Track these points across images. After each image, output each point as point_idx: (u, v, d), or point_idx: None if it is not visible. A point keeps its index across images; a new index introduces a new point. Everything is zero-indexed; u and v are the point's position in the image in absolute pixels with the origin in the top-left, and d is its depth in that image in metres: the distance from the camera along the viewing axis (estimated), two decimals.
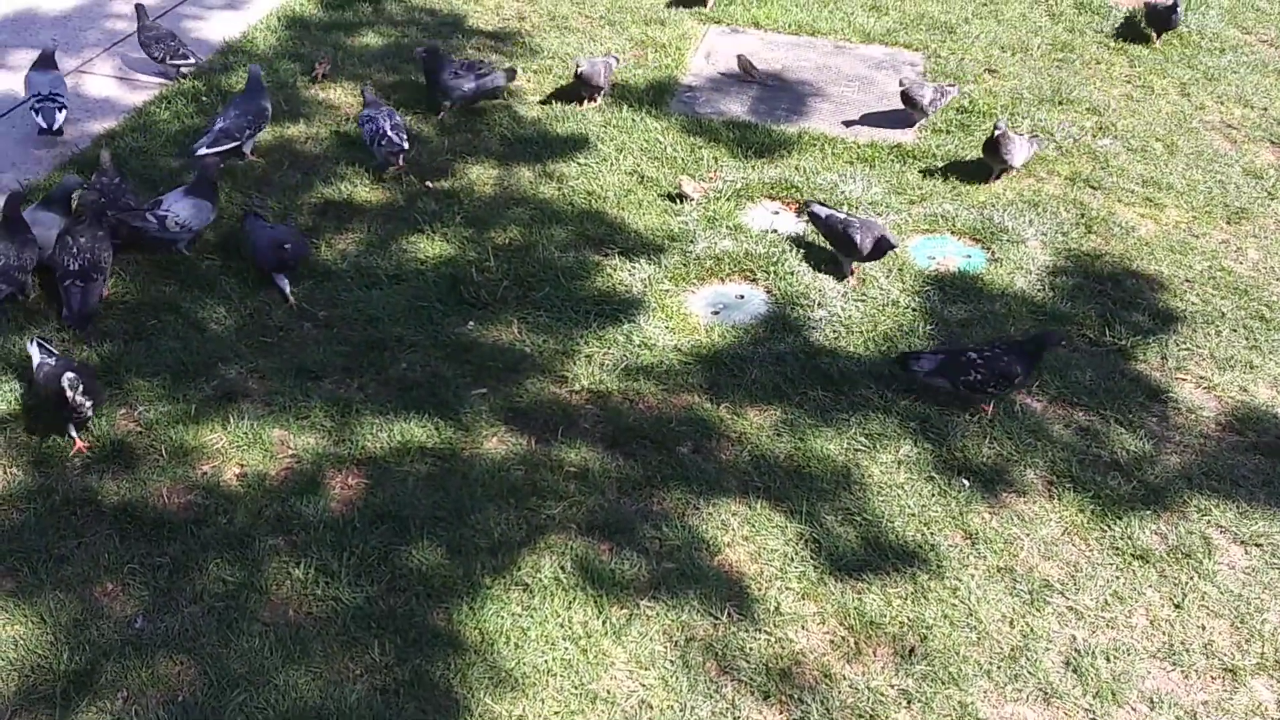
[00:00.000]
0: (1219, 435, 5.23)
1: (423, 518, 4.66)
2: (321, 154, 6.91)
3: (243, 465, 4.91)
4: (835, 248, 6.08)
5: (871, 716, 4.05)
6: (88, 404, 4.76)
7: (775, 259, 6.18)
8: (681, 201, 6.47)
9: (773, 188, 6.77)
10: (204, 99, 7.32)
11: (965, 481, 4.96)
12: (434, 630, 4.27)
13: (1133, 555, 4.64)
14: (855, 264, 6.04)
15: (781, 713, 4.07)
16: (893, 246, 5.91)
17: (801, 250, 6.25)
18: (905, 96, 7.19)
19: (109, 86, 7.57)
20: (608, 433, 5.15)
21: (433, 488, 4.82)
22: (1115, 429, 5.22)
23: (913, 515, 4.82)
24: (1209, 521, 4.79)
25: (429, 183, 6.67)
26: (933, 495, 4.91)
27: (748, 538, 4.71)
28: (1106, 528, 4.75)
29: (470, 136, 7.15)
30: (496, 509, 4.74)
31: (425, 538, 4.59)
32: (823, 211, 6.12)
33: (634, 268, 6.08)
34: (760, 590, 4.50)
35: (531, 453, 5.03)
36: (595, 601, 4.41)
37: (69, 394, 4.66)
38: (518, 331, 5.68)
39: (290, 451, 4.99)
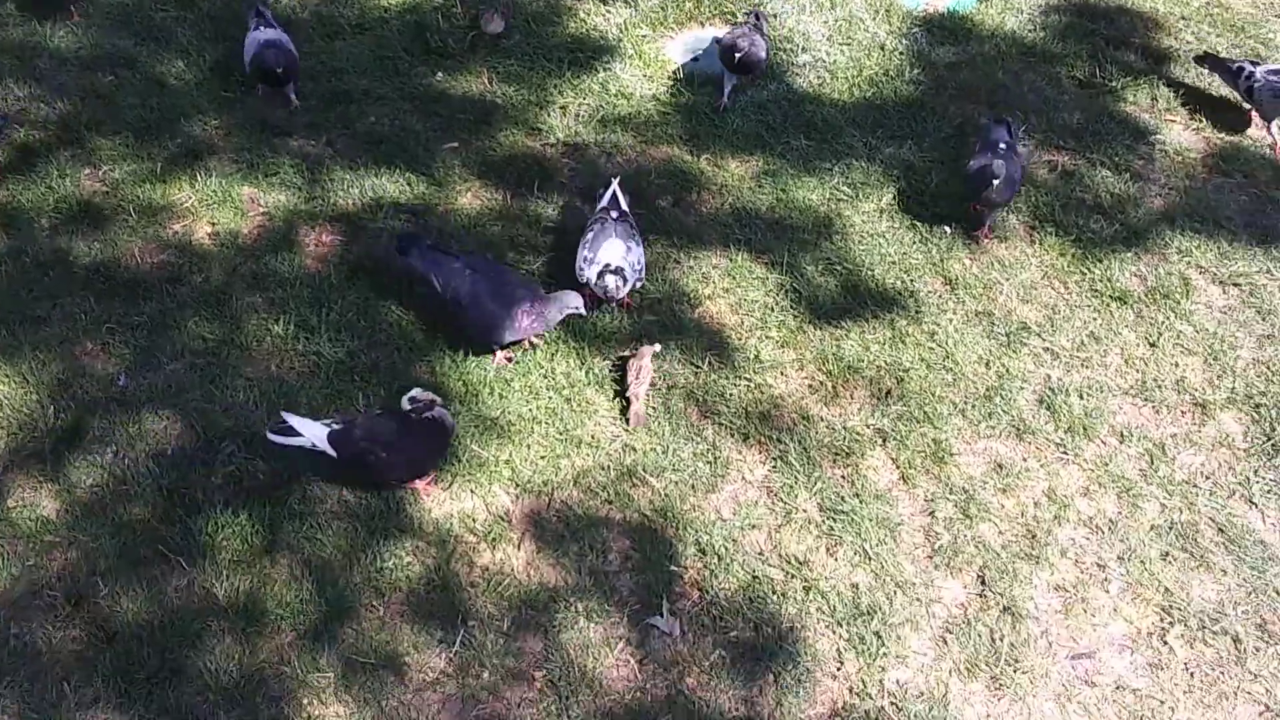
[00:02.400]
0: (1205, 176, 5.16)
1: (399, 273, 4.61)
2: None
3: (214, 224, 4.82)
4: None
5: (848, 453, 4.16)
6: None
7: (758, 1, 5.90)
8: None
9: None
10: None
11: (947, 229, 4.92)
12: (417, 382, 4.27)
13: (1111, 297, 4.65)
14: None
15: (760, 452, 4.17)
16: None
17: None
18: None
19: None
20: (585, 186, 5.04)
21: None
22: (1100, 172, 5.14)
23: (893, 263, 4.80)
24: (1189, 262, 4.79)
25: None
26: (914, 243, 4.88)
27: (728, 289, 4.70)
28: (1086, 270, 4.75)
29: None
30: None
31: (404, 293, 4.56)
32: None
33: (609, 11, 5.80)
34: (740, 340, 4.53)
35: (507, 207, 4.94)
36: (577, 353, 4.43)
37: None
38: (488, 82, 5.47)
39: (261, 209, 4.88)
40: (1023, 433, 4.24)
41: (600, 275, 4.34)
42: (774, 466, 4.13)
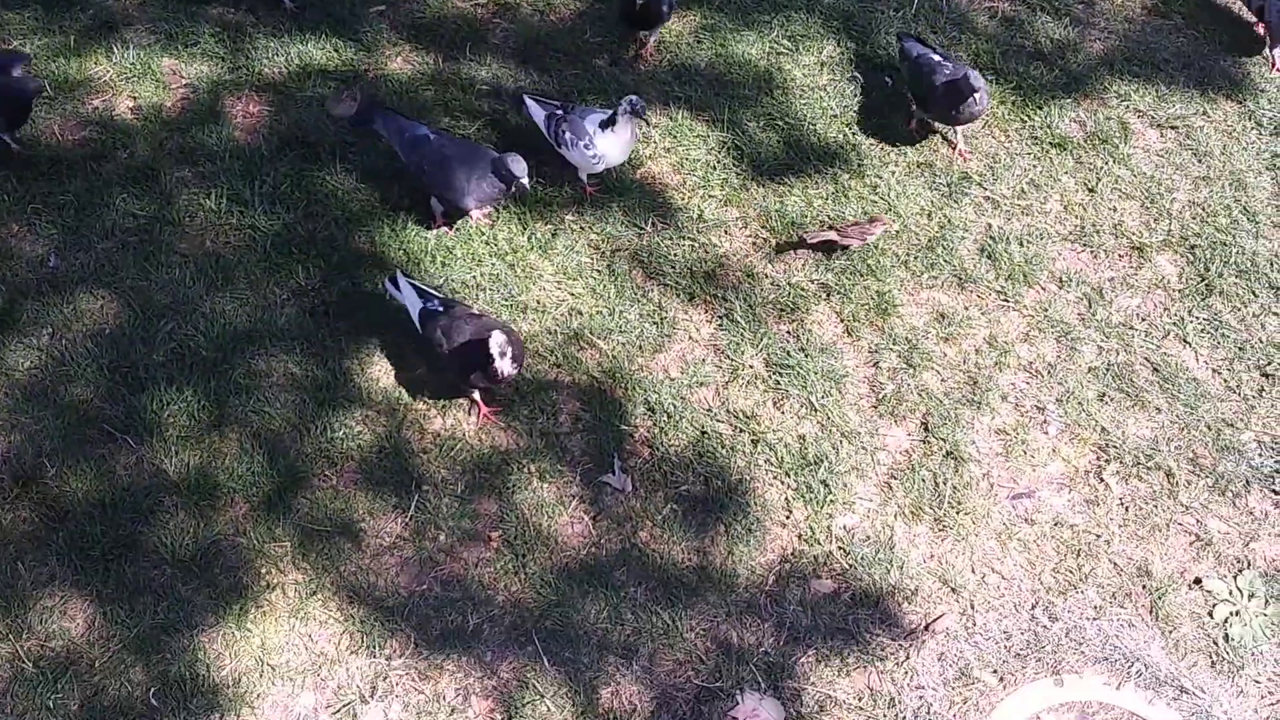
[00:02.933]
0: (1144, 19, 5.13)
1: (332, 142, 4.50)
2: None
3: (135, 98, 4.64)
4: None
5: (793, 308, 4.18)
6: None
7: None
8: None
9: None
10: None
11: (889, 80, 4.87)
12: (357, 253, 4.24)
13: (1050, 144, 4.66)
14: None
15: (706, 311, 4.18)
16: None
17: None
18: None
19: None
20: (519, 46, 4.91)
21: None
22: (1040, 17, 5.08)
23: (835, 117, 4.76)
24: (1128, 106, 4.80)
25: None
26: (855, 95, 4.83)
27: (669, 149, 4.64)
28: (1026, 118, 4.74)
29: None
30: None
31: (338, 162, 4.45)
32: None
33: None
34: (684, 200, 4.50)
35: (440, 71, 4.80)
36: (519, 219, 4.38)
37: None
38: None
39: (184, 81, 4.71)
40: (964, 282, 4.28)
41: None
42: (720, 325, 4.15)
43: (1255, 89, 4.87)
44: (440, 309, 3.77)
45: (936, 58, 4.49)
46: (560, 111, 4.29)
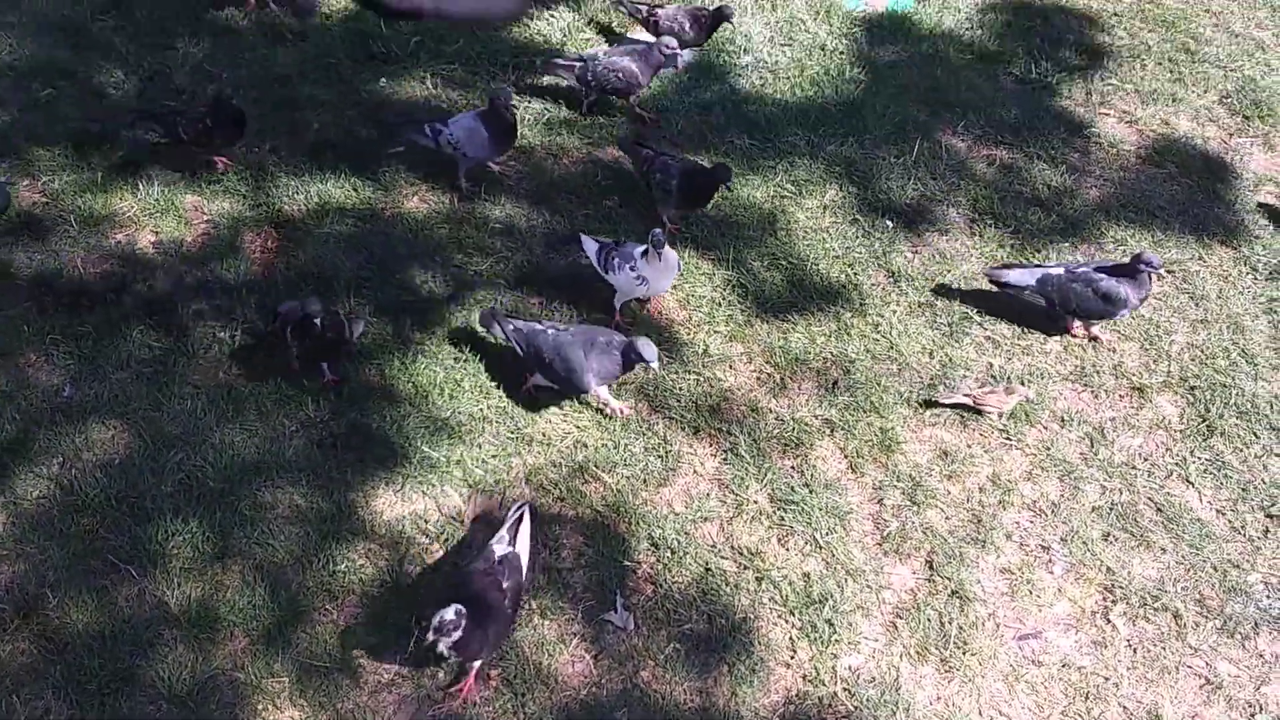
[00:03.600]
0: (1138, 168, 5.28)
1: (346, 278, 4.62)
2: None
3: (157, 232, 4.79)
4: None
5: (797, 444, 4.21)
6: None
7: (701, 4, 5.96)
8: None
9: None
10: None
11: (889, 222, 5.00)
12: (368, 386, 4.30)
13: None
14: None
15: (711, 445, 4.21)
16: None
17: None
18: None
19: None
20: (532, 188, 5.07)
21: (354, 248, 4.76)
22: (1037, 165, 5.25)
23: (837, 257, 4.87)
24: (1124, 251, 4.90)
25: None
26: (857, 237, 4.95)
27: (676, 286, 4.74)
28: (1026, 260, 4.84)
29: None
30: (422, 267, 4.70)
31: (352, 297, 4.56)
32: None
33: (552, 16, 5.84)
34: (689, 335, 4.57)
35: (454, 210, 4.95)
36: None
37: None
38: (432, 87, 5.48)
39: (205, 217, 4.86)
40: (967, 420, 4.31)
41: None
42: (725, 459, 4.17)
43: (1249, 235, 4.98)
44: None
45: None
46: (611, 244, 4.48)
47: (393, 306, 4.53)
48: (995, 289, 4.62)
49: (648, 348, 4.03)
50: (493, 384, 4.33)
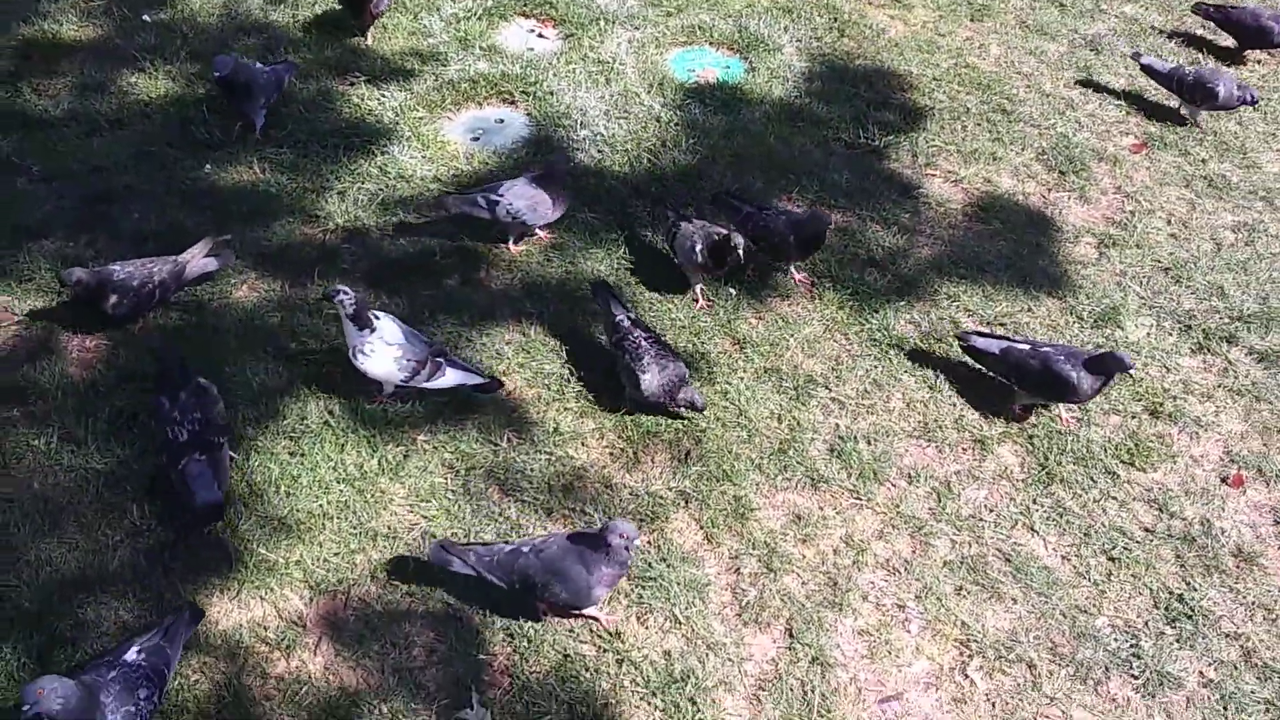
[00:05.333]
0: (966, 225, 5.47)
1: (171, 374, 4.37)
2: None
3: None
4: None
5: (653, 518, 4.15)
6: None
7: (534, 79, 5.97)
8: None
9: (526, 4, 6.49)
10: None
11: (732, 290, 5.03)
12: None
13: (889, 345, 4.84)
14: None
15: (565, 525, 4.11)
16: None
17: (560, 70, 6.05)
18: None
19: None
20: (368, 269, 4.95)
21: (182, 342, 4.53)
22: (871, 227, 5.38)
23: (683, 327, 4.87)
24: (958, 306, 5.04)
25: (146, 15, 6.06)
26: (699, 306, 4.96)
27: (523, 364, 4.66)
28: (865, 321, 4.93)
29: None
30: (254, 358, 4.51)
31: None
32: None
33: (383, 95, 5.76)
34: (539, 414, 4.49)
35: (286, 297, 4.78)
36: (369, 441, 4.29)
37: None
38: (260, 171, 5.32)
39: (15, 318, 4.58)
40: (817, 482, 4.33)
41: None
42: None
43: (1074, 286, 5.18)
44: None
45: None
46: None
47: (225, 401, 4.31)
48: (963, 351, 4.69)
49: (627, 526, 3.67)
50: (333, 477, 4.15)
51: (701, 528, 4.16)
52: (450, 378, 4.34)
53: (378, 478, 4.19)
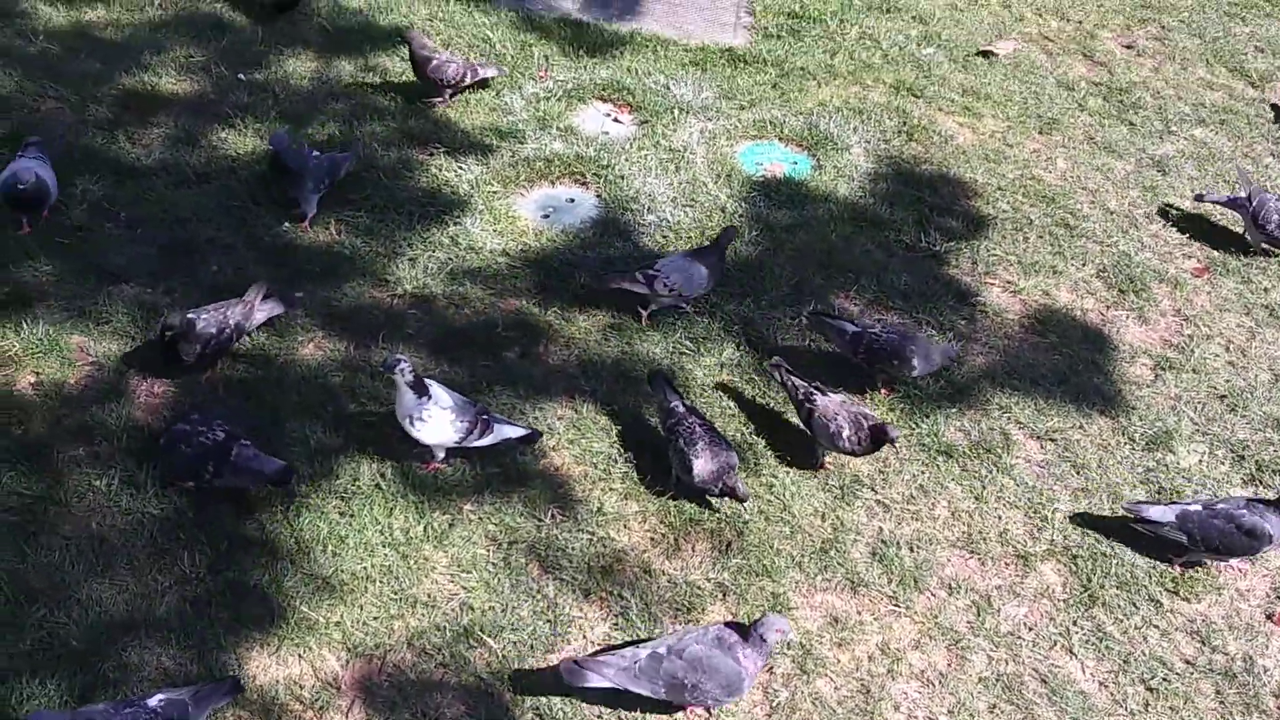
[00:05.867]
0: (1022, 336, 5.49)
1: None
2: (123, 41, 6.46)
3: (38, 373, 4.65)
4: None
5: (689, 609, 4.17)
6: None
7: (607, 162, 6.12)
8: None
9: (605, 89, 6.68)
10: None
11: (781, 379, 5.07)
12: (247, 540, 4.17)
13: (938, 451, 4.86)
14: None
15: (602, 608, 4.15)
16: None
17: (633, 155, 6.20)
18: None
19: None
20: (433, 337, 5.07)
21: (245, 394, 4.67)
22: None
23: (733, 416, 4.92)
24: (1009, 418, 5.05)
25: (241, 74, 6.32)
26: (753, 397, 5.02)
27: (573, 441, 4.73)
28: (915, 425, 4.95)
29: (287, 25, 6.78)
30: (313, 415, 4.63)
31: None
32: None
33: (460, 168, 5.94)
34: (584, 492, 4.55)
35: (350, 358, 4.91)
36: (416, 507, 4.37)
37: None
38: (336, 233, 5.49)
39: (90, 359, 4.74)
40: (857, 585, 4.33)
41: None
42: (615, 624, 4.11)
43: (1127, 406, 5.18)
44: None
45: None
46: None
47: (282, 456, 4.42)
48: (1135, 523, 4.55)
49: (783, 622, 3.77)
50: (379, 540, 4.23)
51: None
52: (497, 434, 4.45)
53: (422, 544, 4.26)
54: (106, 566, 4.02)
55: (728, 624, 3.82)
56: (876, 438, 4.53)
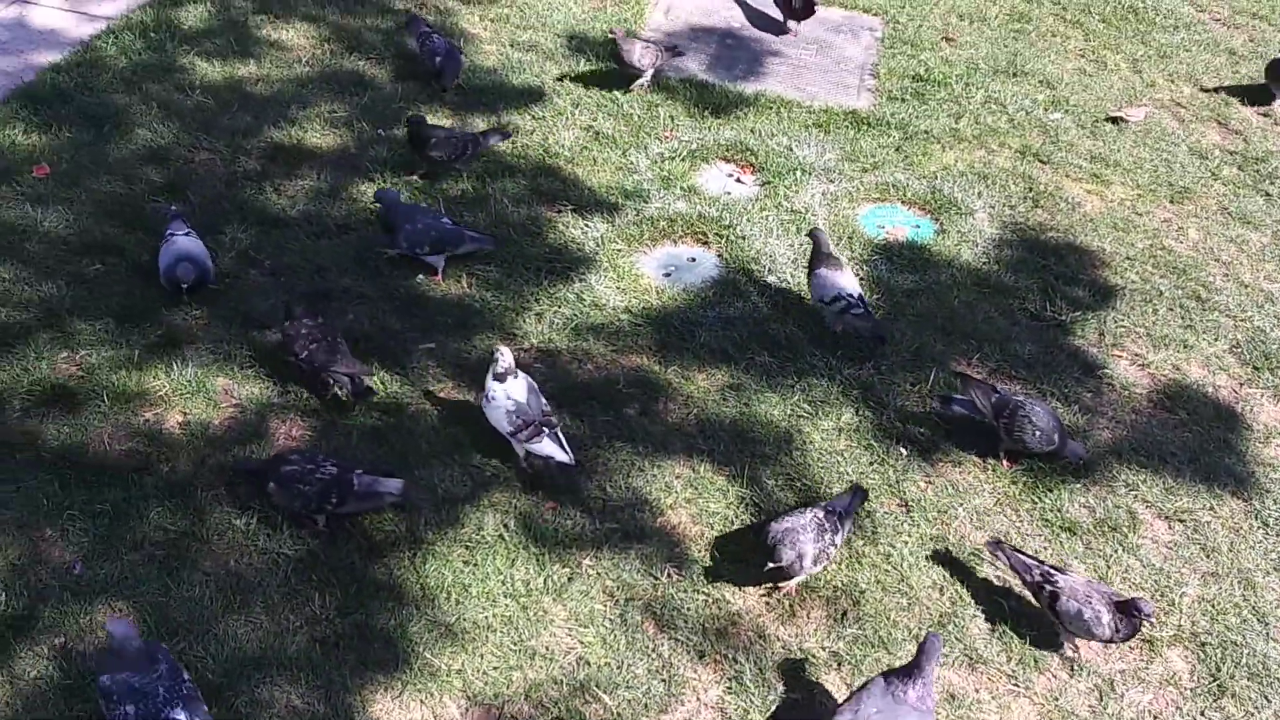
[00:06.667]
0: (1150, 412, 5.37)
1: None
2: (272, 96, 6.80)
3: (185, 413, 4.89)
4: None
5: (803, 677, 4.16)
6: None
7: (729, 222, 6.21)
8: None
9: (728, 150, 6.78)
10: (153, 34, 7.15)
11: (903, 450, 5.07)
12: (376, 583, 4.31)
13: (1061, 527, 4.77)
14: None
15: (715, 671, 4.17)
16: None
17: (754, 215, 6.28)
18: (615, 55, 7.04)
19: (56, 18, 7.37)
20: (555, 391, 5.18)
21: (377, 440, 4.84)
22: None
23: (850, 481, 4.92)
24: (1136, 496, 4.94)
25: (382, 130, 6.59)
26: (871, 463, 5.01)
27: (690, 499, 4.78)
28: (1037, 499, 4.88)
29: (425, 83, 7.06)
30: (441, 464, 4.77)
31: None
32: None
33: (587, 225, 6.08)
34: (700, 551, 4.59)
35: (477, 408, 5.04)
36: (538, 559, 4.47)
37: None
38: (467, 286, 5.67)
39: (234, 401, 4.97)
40: (975, 662, 4.27)
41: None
42: (729, 688, 4.12)
43: (1261, 488, 5.02)
44: None
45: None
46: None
47: (410, 503, 4.57)
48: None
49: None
50: (500, 590, 4.33)
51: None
52: (544, 447, 4.65)
53: (542, 596, 4.34)
54: (243, 604, 4.19)
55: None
56: (1131, 618, 4.14)
